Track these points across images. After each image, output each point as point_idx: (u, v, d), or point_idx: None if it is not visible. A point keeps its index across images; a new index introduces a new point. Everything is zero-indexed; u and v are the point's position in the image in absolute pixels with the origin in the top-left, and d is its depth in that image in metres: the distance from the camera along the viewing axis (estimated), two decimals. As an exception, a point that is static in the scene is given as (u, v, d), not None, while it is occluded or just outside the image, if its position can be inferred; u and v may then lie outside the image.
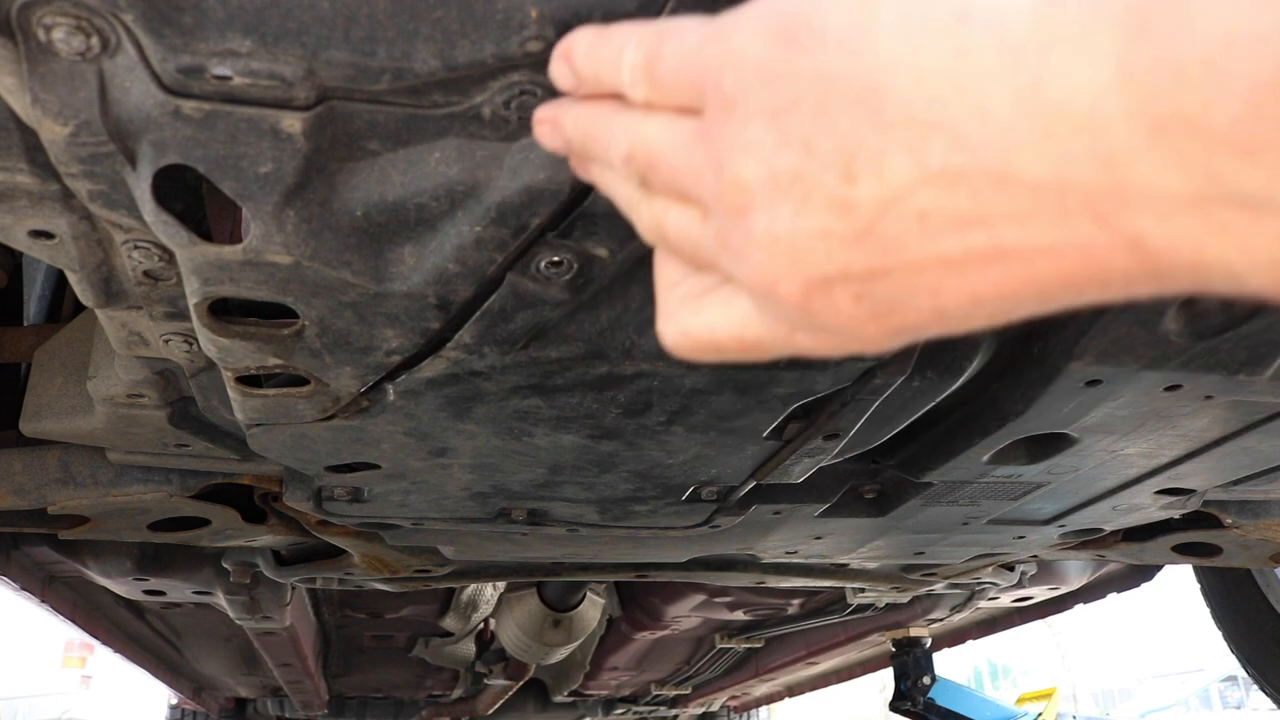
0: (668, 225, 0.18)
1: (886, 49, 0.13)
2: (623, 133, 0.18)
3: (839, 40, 0.13)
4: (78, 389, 0.50)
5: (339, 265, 0.29)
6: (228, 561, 0.90)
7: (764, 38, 0.15)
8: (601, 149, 0.19)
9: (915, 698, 1.38)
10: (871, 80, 0.13)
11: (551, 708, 2.04)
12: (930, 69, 0.13)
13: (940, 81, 0.12)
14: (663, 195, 0.18)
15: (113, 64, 0.23)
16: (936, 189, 0.13)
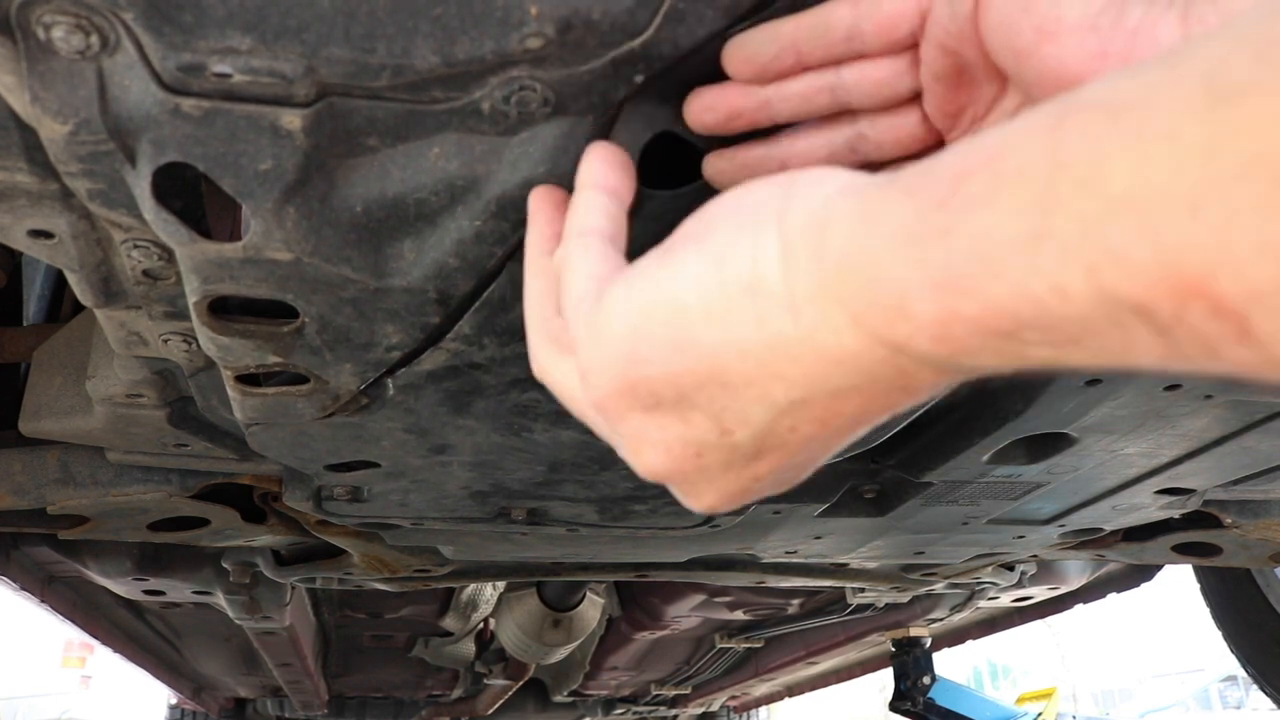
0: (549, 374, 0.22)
1: (708, 342, 0.18)
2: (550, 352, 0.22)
3: (670, 352, 0.18)
4: (77, 389, 0.50)
5: (339, 261, 0.29)
6: (227, 561, 0.90)
7: (614, 367, 0.19)
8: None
9: (915, 697, 1.38)
10: (709, 366, 0.18)
11: (551, 707, 2.04)
12: (746, 342, 0.17)
13: (757, 347, 0.17)
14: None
15: (112, 62, 0.23)
16: (790, 414, 0.18)
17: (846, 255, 0.15)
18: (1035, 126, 0.13)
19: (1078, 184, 0.12)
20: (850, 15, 0.23)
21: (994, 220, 0.13)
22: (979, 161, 0.13)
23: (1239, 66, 0.11)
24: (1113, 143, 0.11)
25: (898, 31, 0.23)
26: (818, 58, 0.24)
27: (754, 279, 0.17)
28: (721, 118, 0.25)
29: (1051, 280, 0.12)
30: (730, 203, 0.18)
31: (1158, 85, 0.11)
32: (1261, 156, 0.10)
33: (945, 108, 0.24)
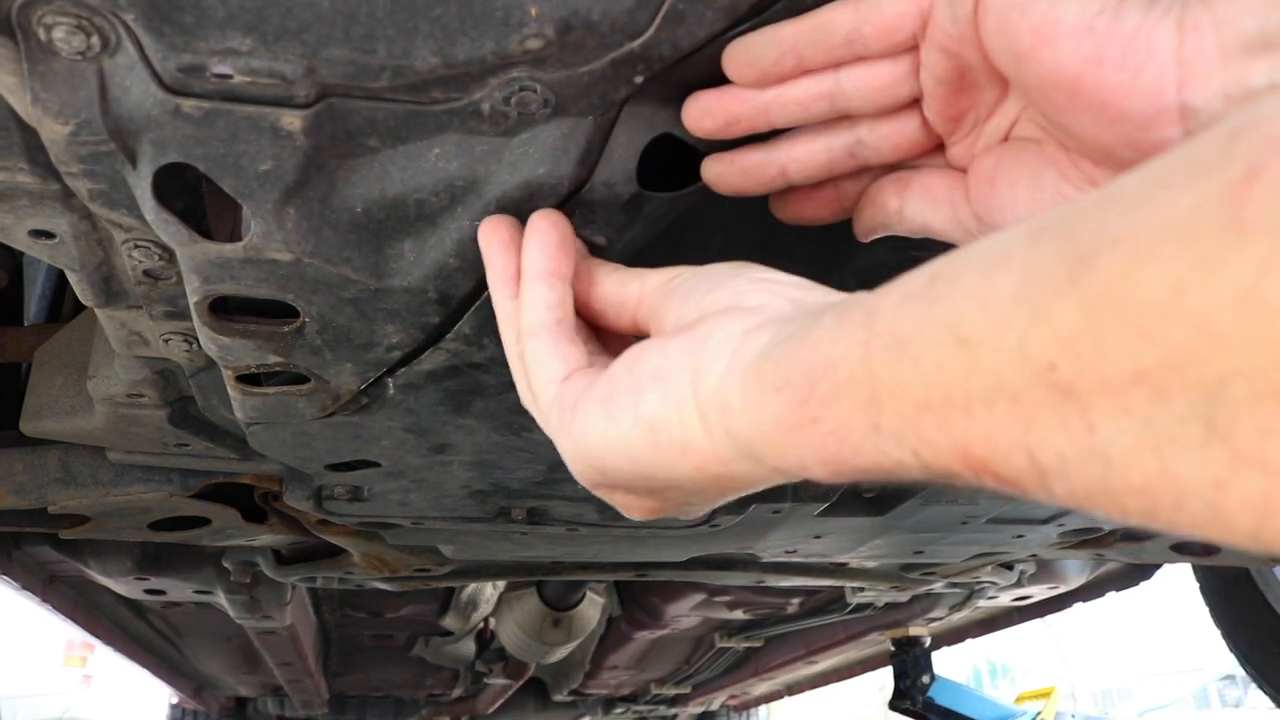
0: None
1: (660, 478, 0.22)
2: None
3: (631, 478, 0.22)
4: (78, 389, 0.50)
5: (339, 262, 0.29)
6: (228, 561, 0.90)
7: (589, 472, 0.24)
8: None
9: (914, 696, 1.38)
10: (664, 487, 0.22)
11: (551, 707, 2.04)
12: (690, 480, 0.21)
13: (699, 482, 0.21)
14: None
15: (113, 63, 0.23)
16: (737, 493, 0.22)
17: (752, 437, 0.19)
18: (850, 337, 0.17)
19: (890, 394, 0.15)
20: (851, 18, 0.23)
21: (843, 417, 0.17)
22: (822, 370, 0.17)
23: (968, 320, 0.14)
24: (905, 365, 0.15)
25: (898, 34, 0.23)
26: (818, 61, 0.24)
27: (686, 441, 0.21)
28: (720, 123, 0.25)
29: (893, 457, 0.16)
30: (653, 366, 0.22)
31: (929, 318, 0.15)
32: (1001, 384, 0.13)
33: (947, 111, 0.24)
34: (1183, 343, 0.10)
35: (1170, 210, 0.11)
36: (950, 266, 0.15)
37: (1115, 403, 0.11)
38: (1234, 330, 0.10)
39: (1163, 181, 0.11)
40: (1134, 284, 0.11)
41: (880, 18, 0.23)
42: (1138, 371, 0.11)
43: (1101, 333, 0.11)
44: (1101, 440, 0.12)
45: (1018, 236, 0.14)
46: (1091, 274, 0.11)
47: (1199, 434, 0.10)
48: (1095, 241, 0.12)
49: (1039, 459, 0.13)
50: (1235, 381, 0.10)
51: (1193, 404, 0.10)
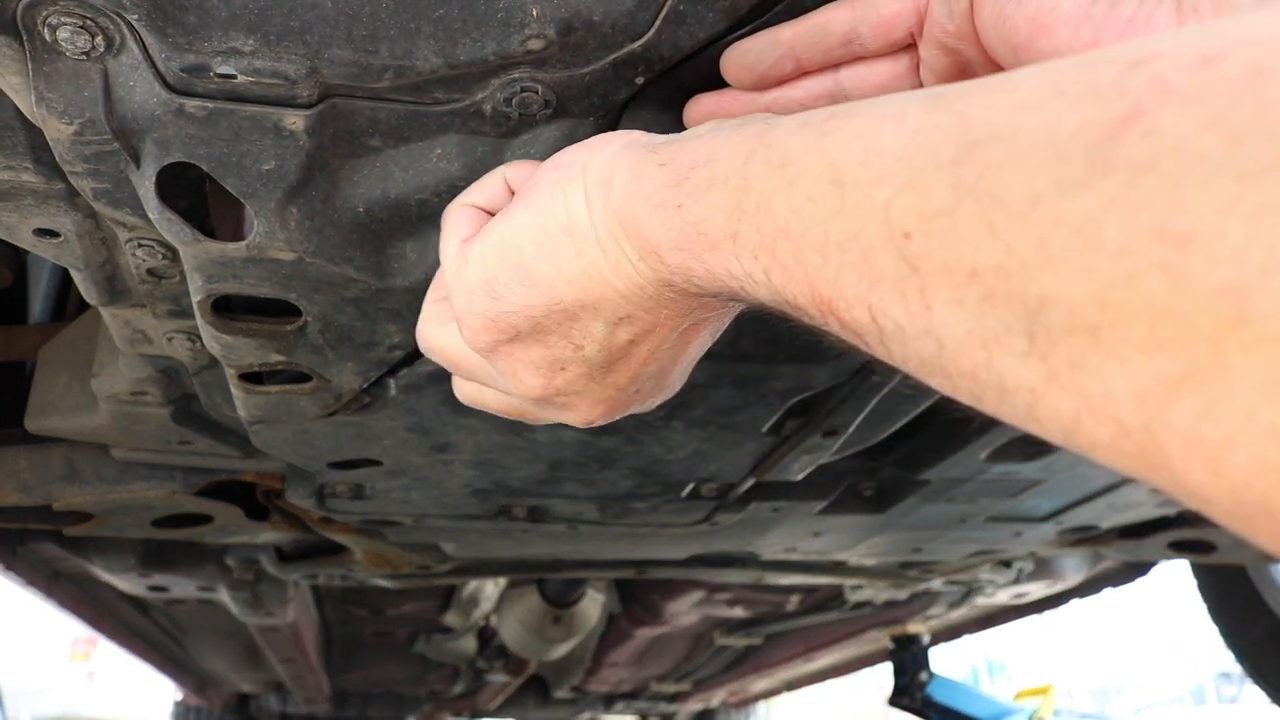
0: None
1: (544, 275, 0.21)
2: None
3: (517, 287, 0.22)
4: (82, 387, 0.50)
5: (341, 261, 0.29)
6: (231, 558, 0.91)
7: (478, 307, 0.23)
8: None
9: (913, 694, 1.39)
10: (547, 296, 0.22)
11: (552, 704, 2.05)
12: (571, 272, 0.21)
13: (580, 276, 0.21)
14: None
15: (117, 63, 0.23)
16: (622, 328, 0.22)
17: (622, 207, 0.19)
18: (741, 142, 0.16)
19: (757, 207, 0.15)
20: (848, 18, 0.23)
21: (707, 212, 0.17)
22: (704, 158, 0.17)
23: (850, 164, 0.14)
24: (778, 184, 0.15)
25: (896, 33, 0.23)
26: (816, 62, 0.24)
27: (569, 221, 0.20)
28: None
29: (744, 268, 0.16)
30: (551, 163, 0.22)
31: (815, 148, 0.15)
32: (858, 236, 0.13)
33: None
34: (1019, 251, 0.11)
35: (1054, 124, 0.11)
36: (850, 108, 0.15)
37: (952, 293, 0.12)
38: (1065, 254, 0.10)
39: (1058, 90, 0.11)
40: (1000, 182, 0.11)
41: (877, 16, 0.23)
42: (975, 269, 0.11)
43: (959, 217, 0.12)
44: (935, 322, 0.12)
45: (918, 98, 0.14)
46: (972, 160, 0.12)
47: (1021, 345, 0.11)
48: (984, 129, 0.12)
49: (879, 320, 0.13)
50: (1053, 307, 0.10)
51: (1016, 316, 0.11)
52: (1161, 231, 0.09)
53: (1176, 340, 0.09)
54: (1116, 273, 0.10)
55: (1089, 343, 0.10)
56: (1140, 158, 0.10)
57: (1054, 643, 7.93)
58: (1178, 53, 0.10)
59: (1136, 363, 0.09)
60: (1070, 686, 7.51)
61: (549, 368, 0.23)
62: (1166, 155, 0.09)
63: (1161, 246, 0.09)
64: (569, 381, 0.23)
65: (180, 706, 2.03)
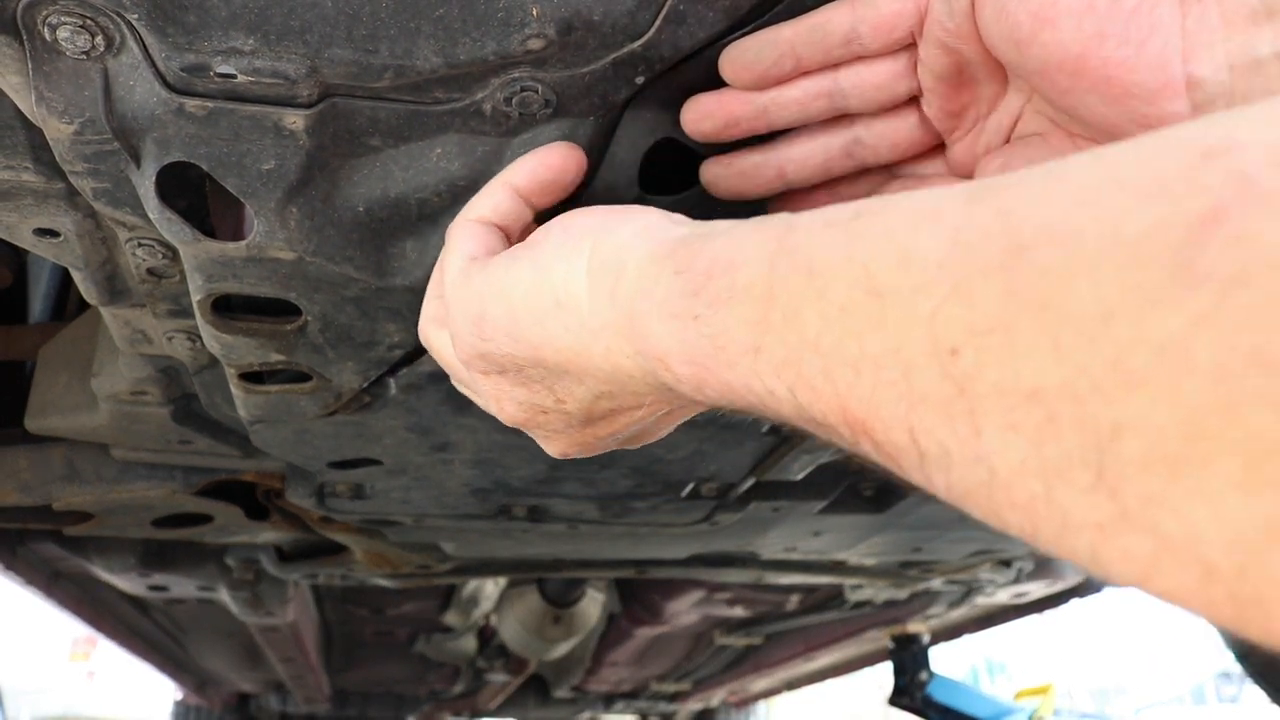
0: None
1: (530, 337, 0.21)
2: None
3: (505, 337, 0.22)
4: (82, 386, 0.50)
5: (341, 260, 0.29)
6: (231, 558, 0.91)
7: (469, 337, 0.23)
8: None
9: (913, 693, 1.39)
10: (532, 354, 0.22)
11: (552, 703, 2.05)
12: (559, 343, 0.21)
13: (566, 350, 0.21)
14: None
15: (117, 63, 0.23)
16: (604, 399, 0.22)
17: (630, 308, 0.18)
18: (761, 246, 0.15)
19: (784, 319, 0.14)
20: (848, 18, 0.23)
21: (726, 324, 0.16)
22: (722, 264, 0.16)
23: (885, 269, 0.13)
24: (808, 293, 0.14)
25: (896, 32, 0.23)
26: (816, 62, 0.24)
27: (565, 295, 0.20)
28: (719, 125, 0.25)
29: (766, 385, 0.15)
30: (562, 223, 0.22)
31: (844, 253, 0.13)
32: (898, 351, 0.12)
33: (947, 107, 0.24)
34: (1091, 372, 0.09)
35: (1120, 224, 0.10)
36: (880, 203, 0.14)
37: (1006, 416, 0.10)
38: (1147, 377, 0.09)
39: (1119, 182, 0.10)
40: (1063, 292, 0.10)
41: (877, 16, 0.23)
42: (1036, 389, 0.10)
43: (1016, 331, 0.10)
44: (987, 449, 0.11)
45: (955, 194, 0.12)
46: (1025, 266, 0.10)
47: (1088, 478, 0.10)
48: (1036, 232, 0.11)
49: (920, 443, 0.12)
50: (1129, 437, 0.09)
51: (1084, 445, 0.10)
52: (1263, 357, 0.08)
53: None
54: (1211, 400, 0.08)
55: (1169, 478, 0.09)
56: (1230, 269, 0.09)
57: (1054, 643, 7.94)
58: (1260, 144, 0.09)
59: (1232, 502, 0.08)
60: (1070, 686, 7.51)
61: (530, 408, 0.23)
62: (1261, 269, 0.08)
63: (1264, 374, 0.08)
64: (548, 422, 0.24)
65: (180, 706, 2.03)
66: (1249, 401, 0.08)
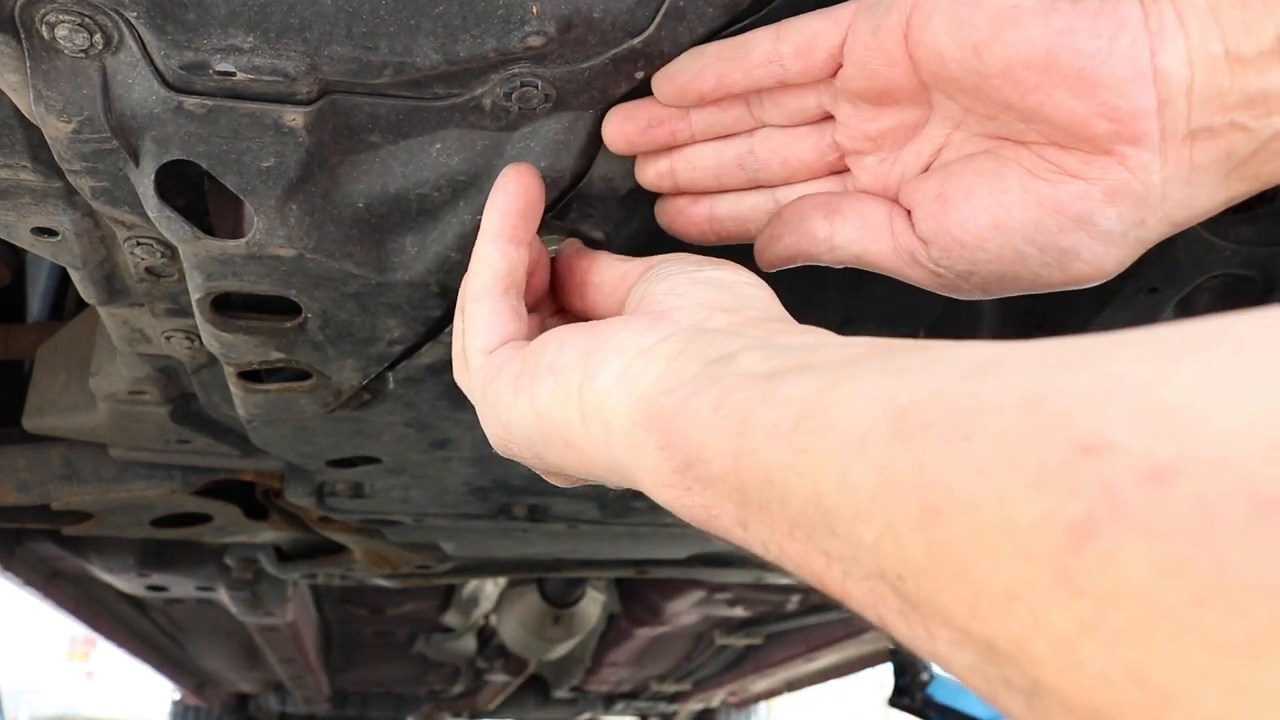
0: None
1: (551, 460, 0.22)
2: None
3: (528, 456, 0.23)
4: (80, 386, 0.50)
5: (341, 257, 0.29)
6: (230, 557, 0.91)
7: (497, 441, 0.24)
8: None
9: (913, 693, 1.39)
10: (557, 470, 0.23)
11: (552, 703, 2.05)
12: (577, 469, 0.22)
13: (587, 472, 0.22)
14: None
15: (115, 61, 0.23)
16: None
17: (627, 468, 0.19)
18: (723, 439, 0.16)
19: (759, 508, 0.15)
20: (771, 37, 0.22)
21: (716, 500, 0.17)
22: (695, 454, 0.17)
23: (830, 492, 0.13)
24: (770, 496, 0.15)
25: (816, 53, 0.22)
26: (738, 81, 0.23)
27: (571, 439, 0.21)
28: (641, 125, 0.25)
29: (759, 550, 0.16)
30: (549, 361, 0.22)
31: (793, 469, 0.14)
32: (856, 561, 0.13)
33: (865, 129, 0.23)
34: (1004, 639, 0.10)
35: (1011, 510, 0.10)
36: (816, 407, 0.14)
37: (953, 637, 0.11)
38: (1050, 659, 0.10)
39: (1009, 458, 0.11)
40: (973, 564, 0.11)
41: (799, 35, 0.22)
42: (967, 631, 0.11)
43: (941, 583, 0.11)
44: (942, 652, 0.12)
45: (880, 415, 0.13)
46: (939, 529, 0.11)
47: (1020, 703, 0.11)
48: (944, 495, 0.11)
49: (890, 631, 0.13)
50: (1049, 693, 0.10)
51: (1015, 680, 0.10)
52: (1140, 679, 0.09)
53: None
54: (1102, 696, 0.09)
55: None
56: (1104, 588, 0.09)
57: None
58: (1127, 453, 0.09)
59: None
60: (1070, 686, 7.41)
61: (571, 480, 0.25)
62: (1130, 596, 0.09)
63: (1141, 693, 0.09)
64: (568, 481, 0.25)
65: (179, 706, 2.03)
66: (1133, 711, 0.09)
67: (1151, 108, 0.19)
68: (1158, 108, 0.19)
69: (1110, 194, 0.20)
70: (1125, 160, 0.19)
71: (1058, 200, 0.20)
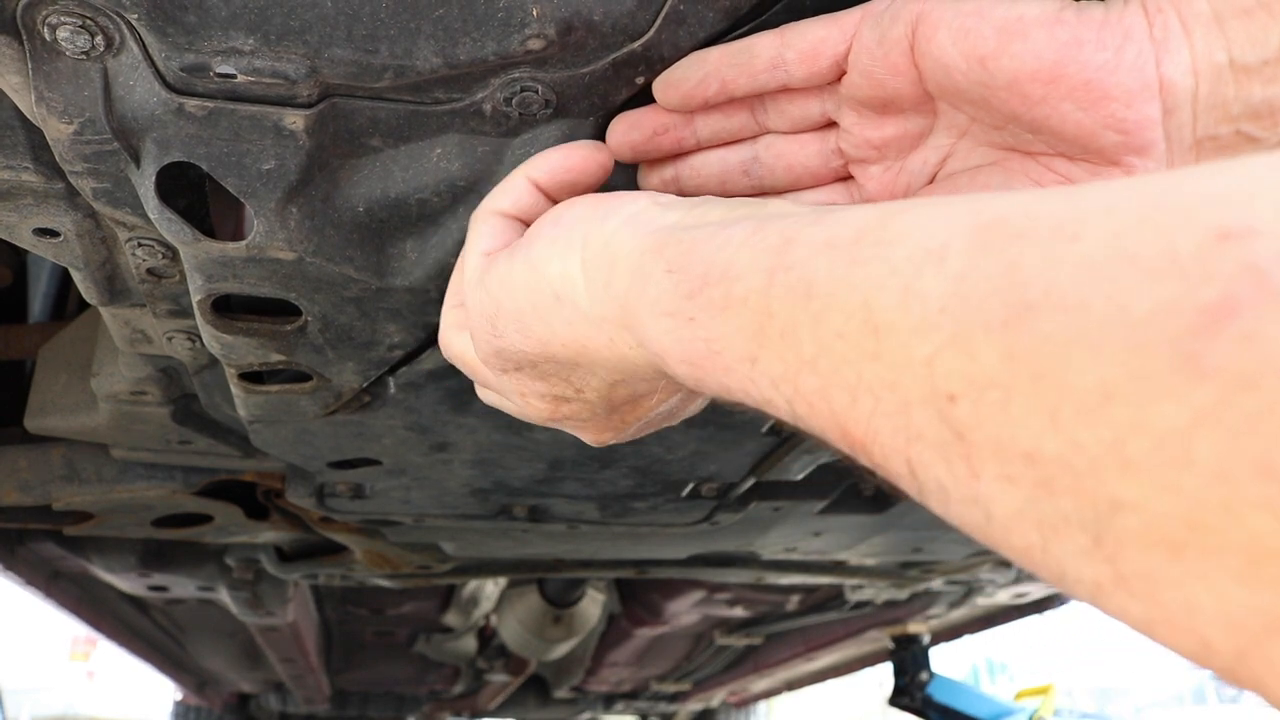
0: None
1: (537, 331, 0.22)
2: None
3: (515, 333, 0.22)
4: (82, 386, 0.50)
5: (341, 261, 0.29)
6: (231, 558, 0.91)
7: (486, 334, 0.23)
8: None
9: (913, 693, 1.39)
10: (541, 349, 0.22)
11: (552, 703, 2.05)
12: (564, 337, 0.21)
13: (572, 343, 0.21)
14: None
15: (117, 63, 0.23)
16: (619, 387, 0.22)
17: (626, 303, 0.18)
18: (759, 257, 0.15)
19: (781, 335, 0.14)
20: (776, 42, 0.22)
21: (723, 331, 0.15)
22: (718, 272, 0.16)
23: (885, 306, 0.12)
24: (804, 316, 0.13)
25: (821, 60, 0.22)
26: (742, 86, 0.23)
27: (563, 288, 0.20)
28: (646, 134, 0.24)
29: (763, 393, 0.15)
30: (553, 216, 0.21)
31: (844, 280, 0.13)
32: (895, 386, 0.12)
33: (869, 138, 0.23)
34: (1088, 450, 0.09)
35: (1127, 301, 0.09)
36: (882, 224, 0.13)
37: (1003, 469, 0.10)
38: (1145, 464, 0.09)
39: (1129, 253, 0.09)
40: (1065, 363, 0.10)
41: (804, 41, 0.22)
42: (1032, 453, 0.10)
43: (1013, 394, 0.10)
44: (985, 493, 0.11)
45: (962, 233, 0.12)
46: (1028, 329, 0.10)
47: (1084, 542, 0.09)
48: (1042, 294, 0.10)
49: (919, 476, 0.12)
50: (1128, 513, 0.09)
51: (1081, 510, 0.09)
52: (1267, 468, 0.08)
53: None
54: (1210, 498, 0.08)
55: (1170, 557, 0.09)
56: (1238, 369, 0.08)
57: (1054, 643, 7.96)
58: (1276, 236, 0.08)
59: (1231, 592, 0.08)
60: (1070, 686, 7.52)
61: (553, 400, 0.23)
62: (1270, 374, 0.08)
63: (1266, 484, 0.08)
64: (574, 412, 0.24)
65: (180, 706, 2.03)
66: (1250, 506, 0.08)
67: (1157, 117, 0.19)
68: (1163, 117, 0.19)
69: None
70: (1132, 171, 0.19)
71: None
